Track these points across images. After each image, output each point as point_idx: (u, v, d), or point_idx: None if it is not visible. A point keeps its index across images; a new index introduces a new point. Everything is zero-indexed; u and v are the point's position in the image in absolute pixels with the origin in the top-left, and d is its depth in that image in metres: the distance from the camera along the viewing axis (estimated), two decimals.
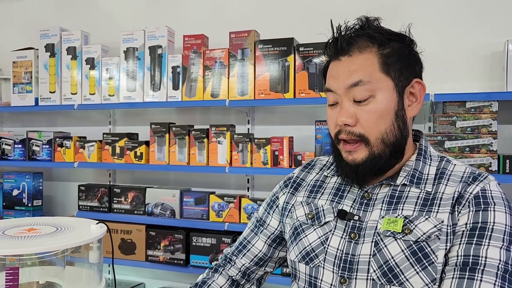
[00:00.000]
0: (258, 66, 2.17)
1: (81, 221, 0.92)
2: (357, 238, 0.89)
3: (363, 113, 0.88)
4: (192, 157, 2.29)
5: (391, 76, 0.89)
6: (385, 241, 0.86)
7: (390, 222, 0.87)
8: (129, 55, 2.41)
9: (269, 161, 2.16)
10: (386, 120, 0.88)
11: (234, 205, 2.23)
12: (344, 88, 0.89)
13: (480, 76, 2.09)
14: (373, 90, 0.87)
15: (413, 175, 0.92)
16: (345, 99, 0.89)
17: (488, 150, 1.85)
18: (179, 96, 2.31)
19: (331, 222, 0.94)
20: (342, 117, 0.89)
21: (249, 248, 1.09)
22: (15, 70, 2.63)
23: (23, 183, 2.65)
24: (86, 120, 2.80)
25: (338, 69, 0.91)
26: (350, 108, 0.89)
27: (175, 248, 2.31)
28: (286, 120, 2.40)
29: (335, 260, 0.90)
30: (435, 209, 0.86)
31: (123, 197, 2.44)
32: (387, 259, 0.84)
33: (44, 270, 0.89)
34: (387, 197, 0.91)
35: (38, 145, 2.61)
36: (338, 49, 0.92)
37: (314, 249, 0.94)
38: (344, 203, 0.95)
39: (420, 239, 0.84)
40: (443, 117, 1.93)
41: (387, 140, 0.89)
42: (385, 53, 0.89)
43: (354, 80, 0.87)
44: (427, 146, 0.98)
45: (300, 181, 1.08)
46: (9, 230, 0.81)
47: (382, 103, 0.88)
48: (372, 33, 0.90)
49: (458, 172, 0.91)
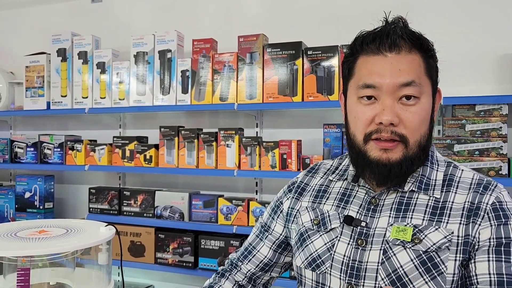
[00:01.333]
0: (267, 69, 2.18)
1: (91, 223, 0.93)
2: (364, 245, 0.88)
3: (409, 114, 0.85)
4: (201, 160, 2.31)
5: (433, 81, 0.89)
6: (394, 249, 0.85)
7: (399, 231, 0.86)
8: (139, 59, 2.43)
9: (277, 165, 2.16)
10: (426, 124, 0.88)
11: (243, 208, 2.23)
12: (394, 86, 0.85)
13: (489, 79, 2.08)
14: (420, 92, 0.86)
15: (421, 181, 0.91)
16: (389, 97, 0.86)
17: (498, 154, 1.83)
18: (188, 100, 2.33)
19: (337, 228, 0.93)
20: (387, 115, 0.85)
21: (254, 253, 1.09)
22: (28, 74, 2.67)
23: (35, 185, 2.69)
24: (97, 124, 2.84)
25: (384, 66, 0.87)
26: (395, 107, 0.86)
27: (184, 251, 2.33)
28: (295, 124, 2.41)
29: (342, 267, 0.90)
30: (445, 219, 0.86)
31: (133, 200, 2.46)
32: (396, 268, 0.84)
33: (55, 271, 0.90)
34: (395, 203, 0.90)
35: (50, 148, 2.64)
36: (385, 45, 0.87)
37: (320, 256, 0.93)
38: (350, 209, 0.94)
39: (430, 249, 0.84)
40: (452, 120, 1.92)
41: (422, 144, 0.88)
42: (427, 57, 0.89)
43: (407, 80, 0.85)
44: (433, 151, 0.96)
45: (304, 185, 1.07)
46: (21, 232, 0.83)
47: (426, 106, 0.87)
48: (416, 34, 0.89)
49: (466, 178, 0.91)
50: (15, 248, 0.74)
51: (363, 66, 0.90)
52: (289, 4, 2.43)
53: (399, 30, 0.89)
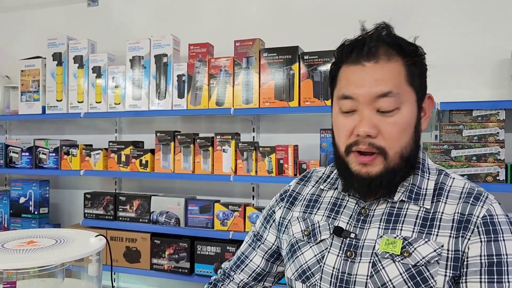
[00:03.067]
0: (263, 74, 2.17)
1: (81, 233, 0.92)
2: (353, 257, 0.87)
3: (387, 125, 0.83)
4: (197, 165, 2.29)
5: (415, 89, 0.86)
6: (383, 262, 0.84)
7: (388, 243, 0.84)
8: (135, 64, 2.42)
9: (274, 170, 2.15)
10: (407, 134, 0.85)
11: (239, 214, 2.22)
12: (370, 97, 0.83)
13: (487, 84, 2.07)
14: (399, 102, 0.83)
15: (411, 191, 0.89)
16: (367, 108, 0.84)
17: (495, 159, 1.82)
18: (184, 105, 2.31)
19: (327, 240, 0.91)
20: (364, 127, 0.83)
21: (247, 263, 1.07)
22: (23, 78, 2.66)
23: (30, 190, 2.67)
24: (93, 128, 2.82)
25: (361, 76, 0.84)
26: (373, 118, 0.83)
27: (180, 257, 2.31)
28: (291, 129, 2.39)
29: (332, 279, 0.88)
30: (435, 231, 0.84)
31: (128, 205, 2.44)
32: (384, 282, 0.82)
33: (44, 282, 0.88)
34: (385, 214, 0.88)
35: (45, 153, 2.62)
36: (363, 53, 0.85)
37: (310, 268, 0.92)
38: (340, 219, 0.92)
39: (419, 263, 0.82)
40: (450, 125, 1.91)
41: (404, 155, 0.85)
42: (409, 64, 0.85)
43: (383, 91, 0.82)
44: (424, 158, 0.94)
45: (296, 194, 1.05)
46: (9, 243, 0.81)
47: (407, 116, 0.84)
48: (400, 40, 0.86)
49: (457, 187, 0.88)
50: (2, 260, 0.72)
51: (344, 77, 0.88)
52: (285, 9, 2.42)
53: (377, 38, 0.85)
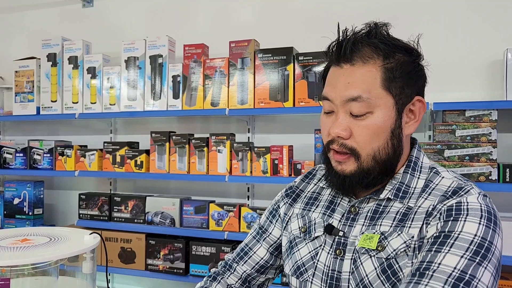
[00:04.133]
0: (258, 75, 2.18)
1: (75, 231, 0.92)
2: (342, 255, 0.88)
3: (358, 128, 0.84)
4: (192, 165, 2.29)
5: (392, 93, 0.85)
6: (361, 258, 0.85)
7: (367, 239, 0.85)
8: (130, 64, 2.42)
9: (268, 170, 2.15)
10: (381, 138, 0.85)
11: (234, 214, 2.22)
12: (341, 100, 0.85)
13: (480, 85, 2.09)
14: (371, 106, 0.83)
15: (399, 189, 0.89)
16: (341, 110, 0.85)
17: (488, 159, 1.84)
18: (179, 105, 2.31)
19: (321, 237, 0.93)
20: (336, 128, 0.85)
21: (250, 255, 1.09)
22: (17, 79, 2.65)
23: (24, 191, 2.66)
24: (87, 129, 2.81)
25: (337, 78, 0.86)
26: (345, 120, 0.85)
27: (175, 257, 2.30)
28: (286, 129, 2.40)
29: (323, 276, 0.90)
30: (409, 223, 0.84)
31: (123, 206, 2.44)
32: (362, 277, 0.83)
33: (38, 280, 0.88)
34: (370, 212, 0.89)
35: (39, 154, 2.62)
36: (340, 55, 0.86)
37: (304, 264, 0.94)
38: (334, 217, 0.94)
39: (389, 256, 0.82)
40: (443, 125, 1.92)
41: (378, 158, 0.85)
42: (389, 67, 0.84)
43: (353, 95, 0.83)
44: (418, 157, 0.93)
45: (300, 191, 1.07)
46: (3, 241, 0.81)
47: (379, 120, 0.84)
48: (378, 42, 0.85)
49: (442, 186, 0.86)
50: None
51: (327, 77, 0.91)
52: (280, 10, 2.43)
53: (356, 40, 0.86)
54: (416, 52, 0.89)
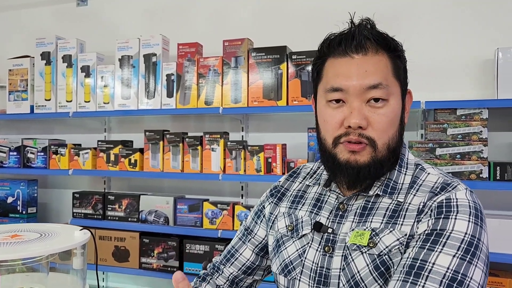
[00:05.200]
0: (252, 74, 2.18)
1: (66, 227, 0.92)
2: (331, 252, 0.88)
3: (377, 116, 0.84)
4: (186, 164, 2.30)
5: (401, 81, 0.88)
6: (353, 255, 0.85)
7: (357, 235, 0.85)
8: (124, 63, 2.42)
9: (262, 168, 2.16)
10: (395, 126, 0.87)
11: (228, 212, 2.23)
12: (361, 88, 0.84)
13: (471, 84, 2.10)
14: (388, 94, 0.85)
15: (387, 185, 0.89)
16: (357, 100, 0.84)
17: (478, 157, 1.86)
18: (173, 104, 2.32)
19: (309, 235, 0.93)
20: (355, 118, 0.83)
21: (236, 256, 1.09)
22: (11, 78, 2.64)
23: (17, 190, 2.66)
24: (81, 128, 2.81)
25: (351, 68, 0.85)
26: (363, 109, 0.84)
27: (169, 256, 2.31)
28: (280, 128, 2.41)
29: (311, 273, 0.90)
30: (400, 220, 0.84)
31: (117, 204, 2.44)
32: (353, 274, 0.84)
33: (28, 276, 0.89)
34: (360, 208, 0.90)
35: (33, 153, 2.61)
36: (351, 46, 0.86)
37: (292, 262, 0.94)
38: (322, 215, 0.94)
39: (382, 253, 0.82)
40: (434, 124, 1.94)
41: (391, 146, 0.86)
42: (394, 57, 0.88)
43: (375, 82, 0.84)
44: (404, 153, 0.94)
45: (284, 190, 1.07)
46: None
47: (394, 108, 0.86)
48: (382, 34, 0.88)
49: (429, 182, 0.88)
50: None
51: (331, 69, 0.89)
52: (274, 9, 2.44)
53: (365, 31, 0.88)
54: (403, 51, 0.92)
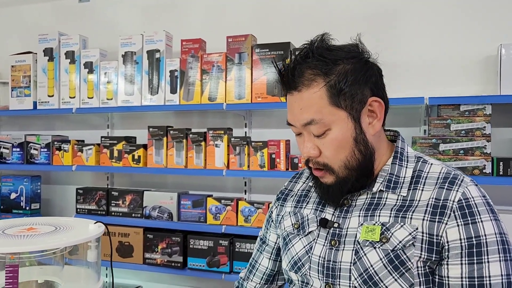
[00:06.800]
0: (255, 70, 2.19)
1: (79, 221, 0.93)
2: (337, 245, 0.91)
3: (323, 146, 0.89)
4: (190, 160, 2.31)
5: (342, 106, 0.87)
6: (364, 249, 0.87)
7: (368, 231, 0.88)
8: (127, 59, 2.42)
9: (266, 164, 2.17)
10: (346, 149, 0.89)
11: (232, 208, 2.24)
12: (299, 125, 0.89)
13: (474, 80, 2.12)
14: (326, 125, 0.87)
15: (390, 180, 0.92)
16: (305, 133, 0.90)
17: (482, 153, 1.87)
18: (176, 100, 2.32)
19: (315, 231, 0.96)
20: (305, 149, 0.91)
21: (257, 267, 1.13)
22: (14, 74, 2.64)
23: (21, 186, 2.66)
24: (84, 124, 2.82)
25: (292, 104, 0.90)
26: (311, 141, 0.90)
27: (173, 251, 2.32)
28: (283, 124, 2.41)
29: (319, 268, 0.92)
30: (409, 215, 0.87)
31: (121, 200, 2.45)
32: (366, 268, 0.86)
33: (43, 269, 0.90)
34: (365, 204, 0.92)
35: (37, 149, 2.62)
36: (286, 84, 0.90)
37: (300, 258, 0.97)
38: (327, 211, 0.97)
39: (396, 248, 0.85)
40: (438, 120, 1.95)
41: (349, 166, 0.89)
42: (332, 84, 0.86)
43: (307, 120, 0.87)
44: (403, 147, 0.97)
45: (288, 191, 1.11)
46: (9, 230, 0.82)
47: (338, 134, 0.88)
48: (315, 63, 0.86)
49: (433, 173, 0.90)
50: (3, 245, 0.73)
51: (287, 103, 0.94)
52: (277, 5, 2.44)
53: (293, 67, 0.88)
54: (359, 54, 0.90)
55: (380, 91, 0.92)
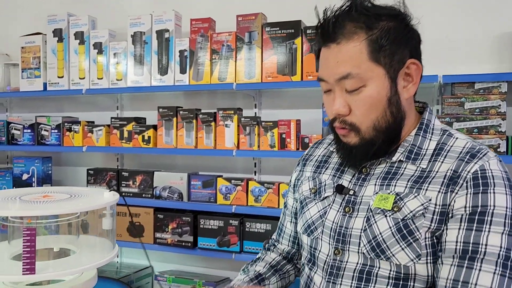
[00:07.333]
0: (266, 49, 2.17)
1: (94, 189, 0.94)
2: (351, 212, 0.91)
3: (354, 103, 0.87)
4: (200, 140, 2.30)
5: (382, 63, 0.85)
6: (376, 217, 0.87)
7: (381, 199, 0.87)
8: (136, 40, 2.41)
9: (276, 144, 2.16)
10: (378, 109, 0.87)
11: (242, 188, 2.24)
12: (334, 79, 0.87)
13: (489, 58, 2.08)
14: (363, 80, 0.85)
15: (411, 151, 0.90)
16: (337, 88, 0.88)
17: (496, 131, 1.84)
18: (186, 80, 2.31)
19: (330, 197, 0.96)
20: (334, 107, 0.88)
21: (284, 230, 1.15)
22: (24, 55, 2.64)
23: (32, 167, 2.68)
24: (94, 106, 2.82)
25: (327, 58, 0.88)
26: (342, 98, 0.88)
27: (183, 231, 2.33)
28: (293, 104, 2.40)
29: (331, 233, 0.93)
30: (425, 186, 0.85)
31: (131, 181, 2.46)
32: (375, 235, 0.86)
33: (59, 238, 0.90)
34: (383, 173, 0.91)
35: (47, 130, 2.63)
36: (325, 35, 0.88)
37: (314, 222, 0.98)
38: (344, 178, 0.97)
39: (406, 217, 0.84)
40: (452, 98, 1.92)
41: (378, 127, 0.87)
42: (374, 39, 0.84)
43: (343, 73, 0.85)
44: (430, 119, 0.94)
45: (309, 157, 1.12)
46: (25, 196, 0.82)
47: (373, 92, 0.86)
48: (358, 16, 0.85)
49: (457, 147, 0.88)
50: (21, 208, 0.74)
51: (320, 58, 0.92)
52: None
53: (337, 18, 0.86)
54: (402, 14, 0.88)
55: (419, 57, 0.91)
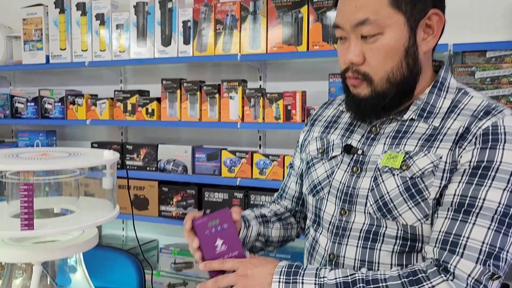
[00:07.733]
0: (271, 18, 2.11)
1: (94, 150, 0.92)
2: (359, 172, 0.88)
3: (370, 51, 0.83)
4: (204, 113, 2.28)
5: (402, 10, 0.81)
6: (383, 176, 0.84)
7: (390, 158, 0.84)
8: (139, 10, 2.36)
9: (281, 116, 2.13)
10: (394, 59, 0.83)
11: (246, 161, 2.22)
12: (350, 25, 0.83)
13: (500, 26, 2.01)
14: (381, 27, 0.81)
15: (423, 109, 0.87)
16: (352, 36, 0.84)
17: (508, 101, 1.79)
18: (190, 51, 2.27)
19: (338, 157, 0.94)
20: (348, 55, 0.85)
21: (287, 191, 1.13)
22: (25, 27, 2.61)
23: (36, 141, 2.68)
24: (97, 79, 2.79)
25: (345, 4, 0.84)
26: (357, 46, 0.84)
27: (188, 204, 2.33)
28: (299, 76, 2.36)
29: (337, 193, 0.91)
30: (436, 144, 0.82)
31: (136, 154, 2.45)
32: (382, 194, 0.83)
33: (59, 199, 0.89)
34: (393, 131, 0.88)
35: (51, 103, 2.61)
36: None
37: (320, 182, 0.95)
38: (353, 138, 0.94)
39: (415, 175, 0.81)
40: (462, 67, 1.87)
41: (392, 79, 0.84)
42: None
43: (360, 18, 0.81)
44: (446, 77, 0.90)
45: (318, 117, 1.09)
46: (22, 154, 0.81)
47: (391, 40, 0.82)
48: None
49: (472, 105, 0.84)
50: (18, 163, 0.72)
51: (338, 5, 0.89)
52: None
53: None
54: None
55: (442, 8, 0.87)
